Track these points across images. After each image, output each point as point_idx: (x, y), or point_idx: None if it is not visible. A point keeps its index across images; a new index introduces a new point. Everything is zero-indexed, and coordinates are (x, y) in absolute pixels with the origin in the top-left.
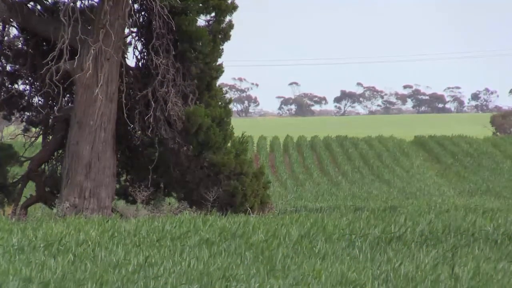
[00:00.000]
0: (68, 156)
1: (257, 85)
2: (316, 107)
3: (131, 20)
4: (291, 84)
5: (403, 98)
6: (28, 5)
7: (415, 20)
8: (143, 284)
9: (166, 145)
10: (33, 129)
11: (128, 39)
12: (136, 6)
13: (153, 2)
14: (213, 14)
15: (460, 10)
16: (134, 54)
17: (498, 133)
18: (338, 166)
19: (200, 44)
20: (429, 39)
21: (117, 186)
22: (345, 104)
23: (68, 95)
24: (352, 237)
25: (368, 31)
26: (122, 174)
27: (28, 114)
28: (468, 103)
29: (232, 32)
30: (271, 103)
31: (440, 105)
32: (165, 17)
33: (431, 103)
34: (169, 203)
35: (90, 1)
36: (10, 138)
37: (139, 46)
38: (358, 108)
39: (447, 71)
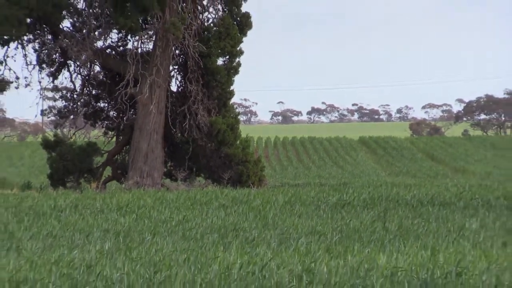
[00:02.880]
0: (133, 150)
1: (256, 103)
2: (295, 118)
3: (173, 60)
4: (278, 102)
5: (352, 112)
6: (107, 51)
7: (363, 56)
8: (182, 233)
9: (196, 143)
10: (110, 132)
11: (172, 73)
12: (177, 51)
13: (188, 49)
14: (227, 57)
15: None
16: (175, 83)
17: (414, 135)
18: (309, 156)
19: (219, 76)
20: (369, 70)
21: (165, 169)
22: (314, 116)
23: (132, 110)
24: (319, 202)
25: (328, 65)
26: (168, 162)
27: (106, 122)
28: (394, 115)
29: (240, 69)
30: (265, 115)
31: (376, 117)
32: (196, 58)
33: (370, 115)
34: (199, 181)
35: (147, 48)
36: (95, 138)
37: (179, 78)
38: (323, 118)
39: (380, 94)
